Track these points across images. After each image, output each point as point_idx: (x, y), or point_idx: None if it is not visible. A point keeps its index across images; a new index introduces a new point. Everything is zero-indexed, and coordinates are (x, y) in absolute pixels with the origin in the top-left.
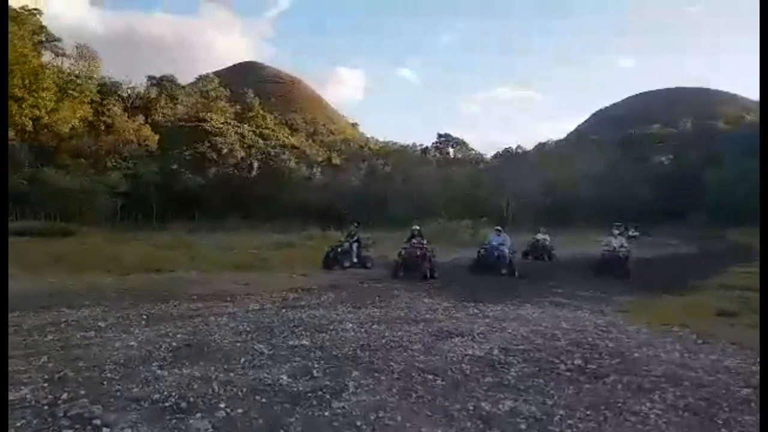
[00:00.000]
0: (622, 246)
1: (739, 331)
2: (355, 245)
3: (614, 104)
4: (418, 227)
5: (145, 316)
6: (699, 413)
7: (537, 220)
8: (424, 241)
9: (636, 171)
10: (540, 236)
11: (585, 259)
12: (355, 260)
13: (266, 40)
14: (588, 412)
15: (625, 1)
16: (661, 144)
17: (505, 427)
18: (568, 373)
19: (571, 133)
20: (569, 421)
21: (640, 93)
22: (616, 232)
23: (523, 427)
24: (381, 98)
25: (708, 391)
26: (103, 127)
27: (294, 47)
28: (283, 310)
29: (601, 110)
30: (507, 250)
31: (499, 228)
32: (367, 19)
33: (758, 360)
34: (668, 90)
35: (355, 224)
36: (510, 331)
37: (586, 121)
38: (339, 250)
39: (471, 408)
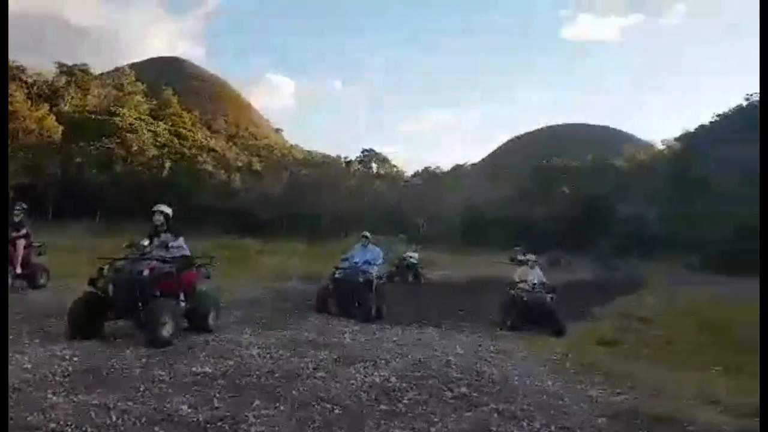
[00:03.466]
0: (542, 284)
1: (611, 360)
2: None
3: (527, 133)
4: (367, 234)
5: (39, 333)
6: None
7: (449, 240)
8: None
9: (543, 199)
10: (409, 254)
11: (474, 282)
12: None
13: (193, 38)
14: None
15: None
16: (566, 176)
17: None
18: (453, 401)
19: (486, 158)
20: None
21: (550, 126)
22: (530, 258)
23: None
24: (309, 107)
25: (569, 420)
26: None
27: (222, 48)
28: (188, 333)
29: (513, 139)
30: (374, 272)
31: (366, 235)
32: (303, 30)
33: (617, 390)
34: (574, 125)
35: None
36: (410, 356)
37: (499, 148)
38: None
39: None
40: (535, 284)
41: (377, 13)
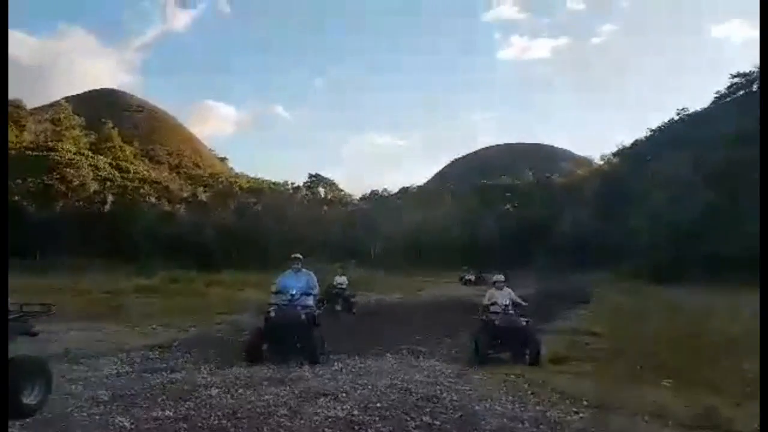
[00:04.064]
0: (515, 304)
1: (566, 379)
2: None
3: (467, 154)
4: (299, 256)
5: None
6: None
7: (399, 262)
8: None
9: (488, 218)
10: (338, 279)
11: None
12: None
13: (129, 70)
14: None
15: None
16: (509, 194)
17: None
18: (416, 431)
19: (430, 179)
20: None
21: (490, 146)
22: (498, 278)
23: None
24: (252, 134)
25: None
26: None
27: (159, 78)
28: (144, 374)
29: (456, 159)
30: (313, 303)
31: (299, 257)
32: (239, 56)
33: (576, 410)
34: (514, 145)
35: None
36: (370, 386)
37: (442, 170)
38: None
39: None
40: (506, 305)
41: (317, 33)
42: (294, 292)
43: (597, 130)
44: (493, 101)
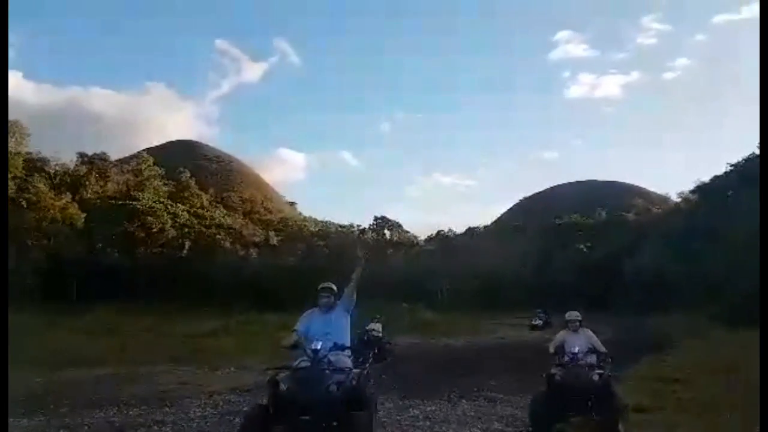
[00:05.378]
0: (594, 352)
1: (651, 427)
2: None
3: (536, 193)
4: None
5: (86, 427)
6: None
7: (467, 303)
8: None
9: (559, 258)
10: (371, 326)
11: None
12: None
13: (206, 121)
14: None
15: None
16: (581, 233)
17: None
18: None
19: (498, 218)
20: None
21: (560, 184)
22: (572, 317)
23: None
24: (320, 179)
25: None
26: (25, 204)
27: (234, 129)
28: (227, 417)
29: (524, 198)
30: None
31: (330, 286)
32: (308, 105)
33: None
34: (581, 183)
35: None
36: None
37: (510, 209)
38: None
39: None
40: (575, 354)
41: (382, 73)
42: (319, 344)
43: (672, 167)
44: (564, 139)
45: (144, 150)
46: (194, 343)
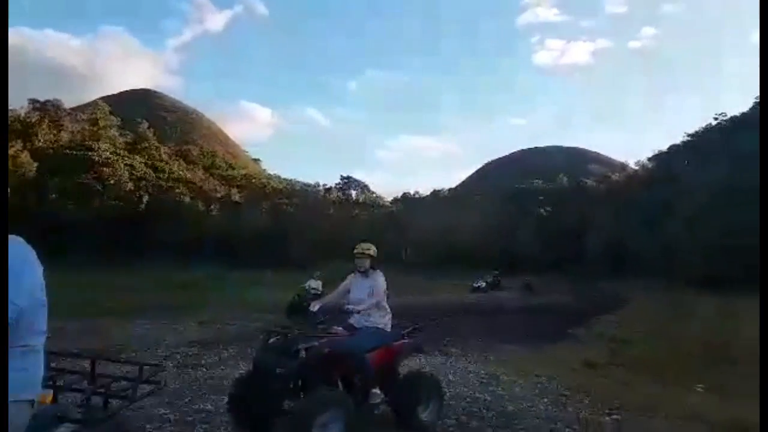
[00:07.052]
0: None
1: (596, 382)
2: None
3: (502, 157)
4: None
5: None
6: None
7: (430, 264)
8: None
9: (521, 222)
10: (312, 284)
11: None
12: None
13: (166, 70)
14: None
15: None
16: (542, 198)
17: None
18: (451, 429)
19: (464, 182)
20: None
21: (525, 149)
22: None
23: None
24: (286, 136)
25: None
26: None
27: (196, 79)
28: (187, 369)
29: (489, 163)
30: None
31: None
32: (275, 58)
33: (609, 410)
34: (546, 148)
35: None
36: None
37: (476, 172)
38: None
39: None
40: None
41: (353, 36)
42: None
43: (634, 135)
44: (531, 104)
45: (100, 98)
46: (153, 298)
